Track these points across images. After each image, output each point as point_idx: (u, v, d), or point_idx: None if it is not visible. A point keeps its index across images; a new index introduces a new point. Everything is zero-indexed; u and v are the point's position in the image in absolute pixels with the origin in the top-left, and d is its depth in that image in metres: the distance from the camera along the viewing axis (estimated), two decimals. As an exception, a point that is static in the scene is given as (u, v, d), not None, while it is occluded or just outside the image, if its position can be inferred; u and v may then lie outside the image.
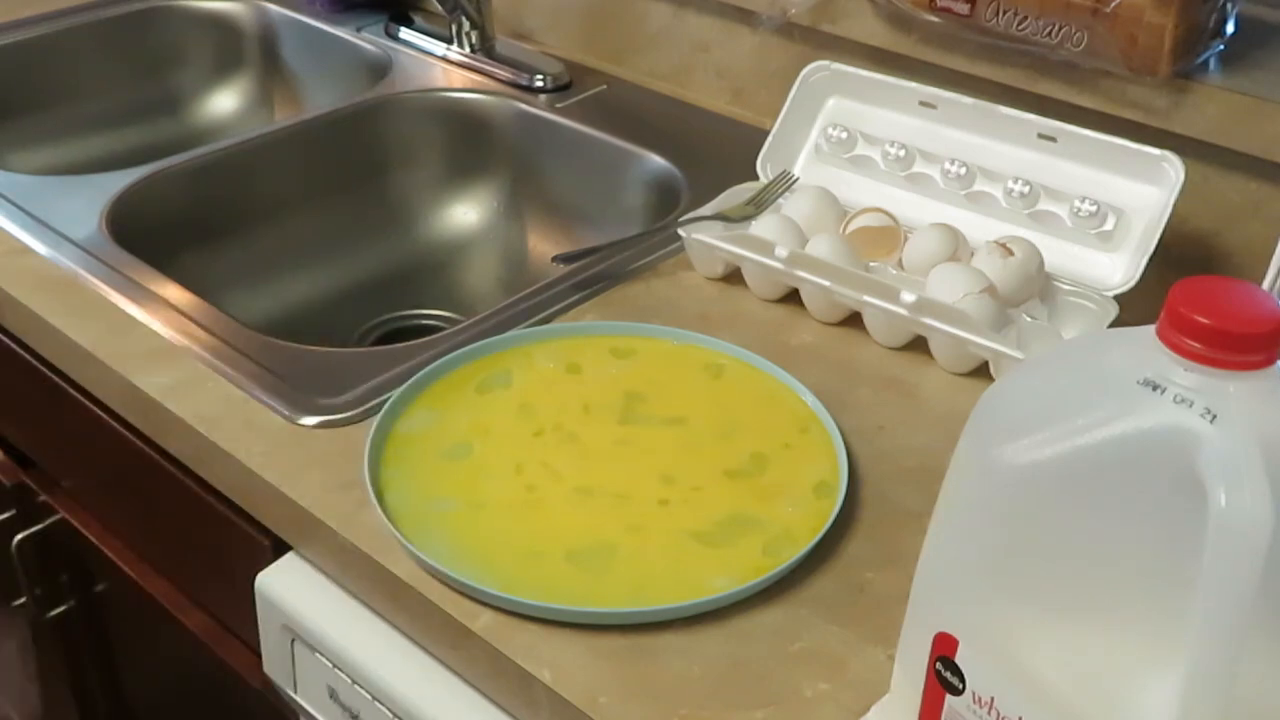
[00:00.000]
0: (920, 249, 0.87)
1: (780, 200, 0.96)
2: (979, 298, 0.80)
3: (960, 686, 0.52)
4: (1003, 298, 0.82)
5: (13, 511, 1.09)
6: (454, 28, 1.26)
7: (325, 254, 1.17)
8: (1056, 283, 0.86)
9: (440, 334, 0.86)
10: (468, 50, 1.26)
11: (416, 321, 1.17)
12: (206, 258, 1.09)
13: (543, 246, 1.18)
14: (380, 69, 1.26)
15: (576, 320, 0.87)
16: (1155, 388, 0.45)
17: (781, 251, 0.85)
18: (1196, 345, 0.44)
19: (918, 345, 0.84)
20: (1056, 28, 0.88)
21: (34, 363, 0.94)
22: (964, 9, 0.92)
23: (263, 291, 1.13)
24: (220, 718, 1.02)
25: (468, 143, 1.21)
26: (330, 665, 0.72)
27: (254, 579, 0.76)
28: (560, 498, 0.71)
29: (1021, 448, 0.48)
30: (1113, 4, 0.85)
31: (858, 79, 0.97)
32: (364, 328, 1.16)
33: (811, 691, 0.61)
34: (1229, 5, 0.88)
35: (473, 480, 0.72)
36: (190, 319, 0.86)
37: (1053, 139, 0.88)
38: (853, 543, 0.69)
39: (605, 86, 1.21)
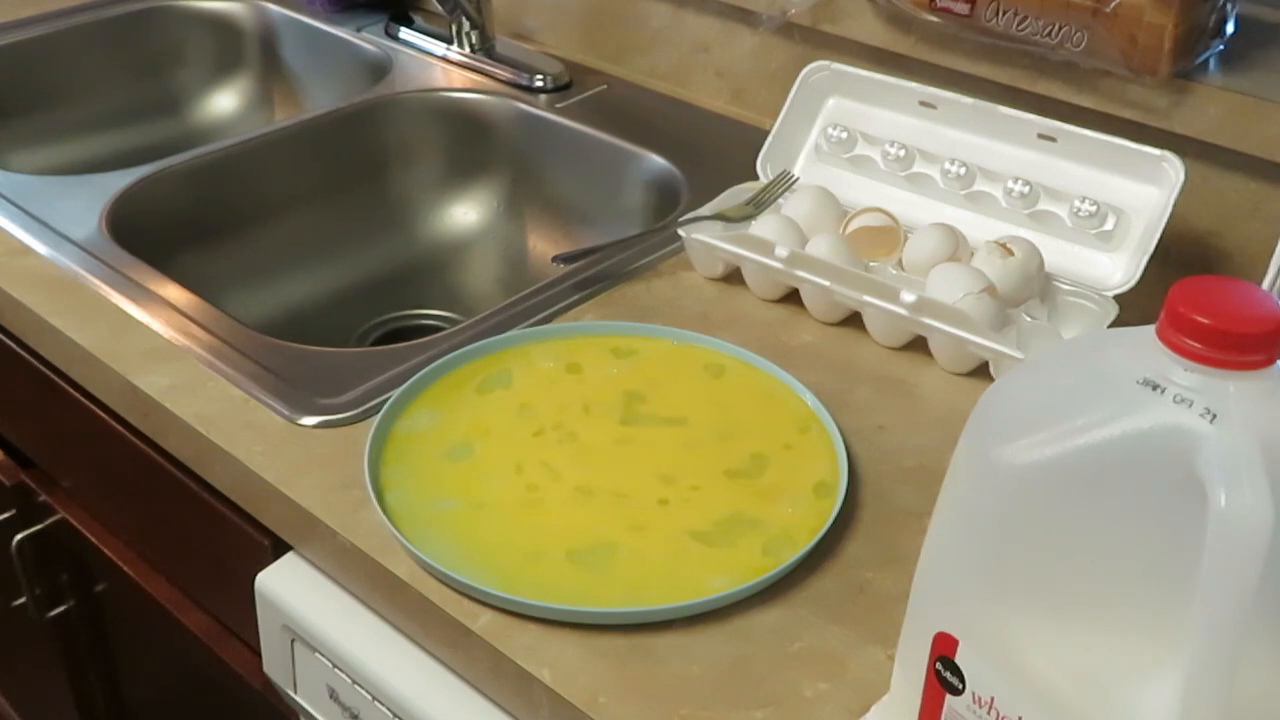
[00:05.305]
0: (920, 249, 0.87)
1: (780, 200, 0.96)
2: (979, 298, 0.80)
3: (960, 686, 0.52)
4: (1003, 298, 0.82)
5: (13, 511, 1.09)
6: (454, 28, 1.26)
7: (325, 254, 1.18)
8: (1056, 283, 0.86)
9: (440, 334, 0.86)
10: (468, 50, 1.26)
11: (416, 321, 1.17)
12: (206, 258, 1.09)
13: (543, 246, 1.18)
14: (380, 69, 1.26)
15: (576, 320, 0.87)
16: (1155, 388, 0.45)
17: (781, 251, 0.85)
18: (1196, 345, 0.44)
19: (918, 345, 0.84)
20: (1056, 28, 0.88)
21: (34, 363, 0.94)
22: (964, 9, 0.92)
23: (263, 291, 1.13)
24: (220, 718, 1.02)
25: (468, 143, 1.21)
26: (330, 665, 0.72)
27: (254, 579, 0.76)
28: (560, 497, 0.71)
29: (1021, 448, 0.48)
30: (1113, 4, 0.85)
31: (858, 79, 0.97)
32: (364, 328, 1.16)
33: (811, 691, 0.61)
34: (1229, 5, 0.88)
35: (473, 480, 0.72)
36: (190, 319, 0.86)
37: (1053, 139, 0.88)
38: (853, 543, 0.69)
39: (605, 86, 1.21)
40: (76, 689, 1.20)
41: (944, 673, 0.52)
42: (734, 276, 0.91)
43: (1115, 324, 0.82)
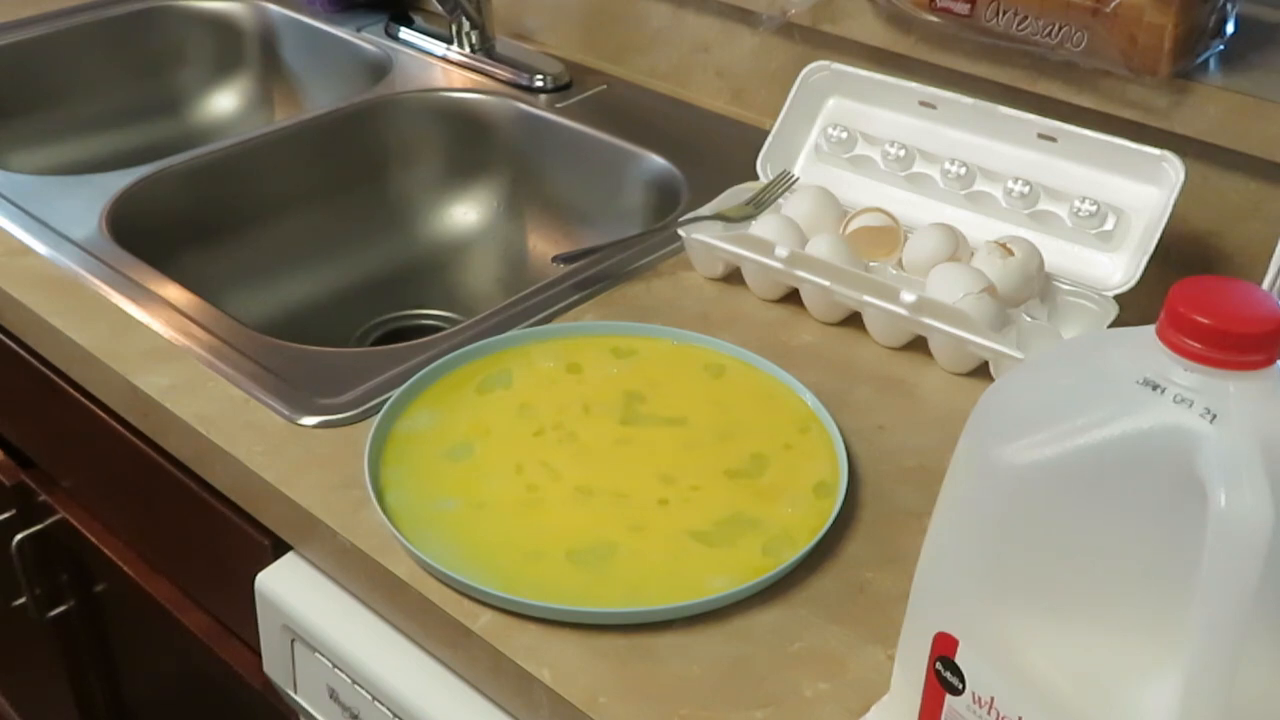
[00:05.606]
0: (920, 249, 0.87)
1: (780, 200, 0.96)
2: (979, 298, 0.80)
3: (960, 686, 0.52)
4: (1003, 298, 0.82)
5: (13, 511, 1.09)
6: (454, 28, 1.26)
7: (325, 254, 1.18)
8: (1056, 283, 0.86)
9: (440, 334, 0.86)
10: (468, 50, 1.26)
11: (416, 321, 1.17)
12: (206, 258, 1.09)
13: (543, 246, 1.18)
14: (380, 69, 1.26)
15: (576, 320, 0.87)
16: (1155, 388, 0.45)
17: (781, 251, 0.85)
18: (1196, 345, 0.44)
19: (918, 345, 0.84)
20: (1056, 28, 0.88)
21: (34, 363, 0.94)
22: (964, 9, 0.92)
23: (263, 291, 1.13)
24: (220, 718, 1.02)
25: (468, 143, 1.21)
26: (330, 665, 0.72)
27: (254, 579, 0.76)
28: (560, 497, 0.71)
29: (1021, 448, 0.48)
30: (1113, 4, 0.85)
31: (858, 79, 0.97)
32: (364, 328, 1.16)
33: (811, 691, 0.61)
34: (1229, 5, 0.88)
35: (473, 480, 0.72)
36: (190, 319, 0.86)
37: (1053, 139, 0.88)
38: (853, 543, 0.69)
39: (605, 86, 1.21)
40: (76, 689, 1.20)
41: (944, 673, 0.52)
42: (734, 276, 0.91)
43: (1115, 324, 0.82)
